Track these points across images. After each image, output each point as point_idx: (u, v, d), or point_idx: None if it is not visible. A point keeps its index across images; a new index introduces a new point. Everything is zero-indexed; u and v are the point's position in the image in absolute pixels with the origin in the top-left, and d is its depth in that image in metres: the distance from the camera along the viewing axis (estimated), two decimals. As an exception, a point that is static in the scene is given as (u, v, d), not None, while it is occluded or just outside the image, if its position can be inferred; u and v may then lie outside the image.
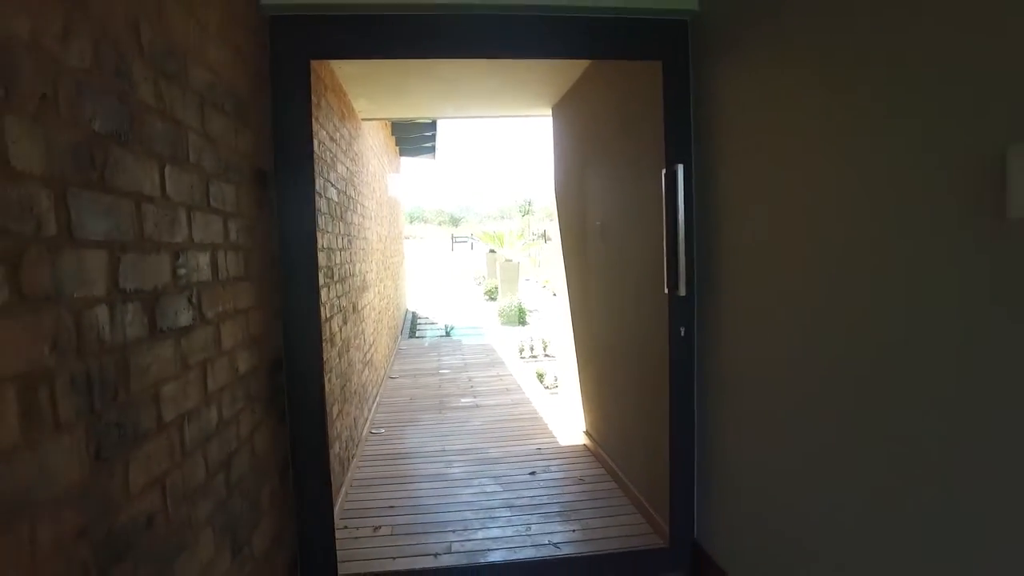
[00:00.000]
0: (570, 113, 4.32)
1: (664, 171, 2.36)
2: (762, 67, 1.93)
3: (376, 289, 5.80)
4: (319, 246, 2.27)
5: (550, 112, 4.74)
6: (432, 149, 8.45)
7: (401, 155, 8.85)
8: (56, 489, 0.90)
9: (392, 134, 7.34)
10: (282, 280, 2.09)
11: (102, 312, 1.03)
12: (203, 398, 1.43)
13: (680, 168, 2.31)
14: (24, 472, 0.83)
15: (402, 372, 6.62)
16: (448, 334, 9.74)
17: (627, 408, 3.31)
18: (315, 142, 2.36)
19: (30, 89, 0.87)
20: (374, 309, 5.57)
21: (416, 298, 13.20)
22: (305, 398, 2.15)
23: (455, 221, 50.14)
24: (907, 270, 1.35)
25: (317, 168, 2.41)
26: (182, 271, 1.34)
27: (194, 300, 1.40)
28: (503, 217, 46.06)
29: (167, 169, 1.28)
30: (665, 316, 2.44)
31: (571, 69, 3.67)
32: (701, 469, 2.42)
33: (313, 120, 2.19)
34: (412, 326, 10.26)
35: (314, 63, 2.25)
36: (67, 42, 0.96)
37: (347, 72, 3.64)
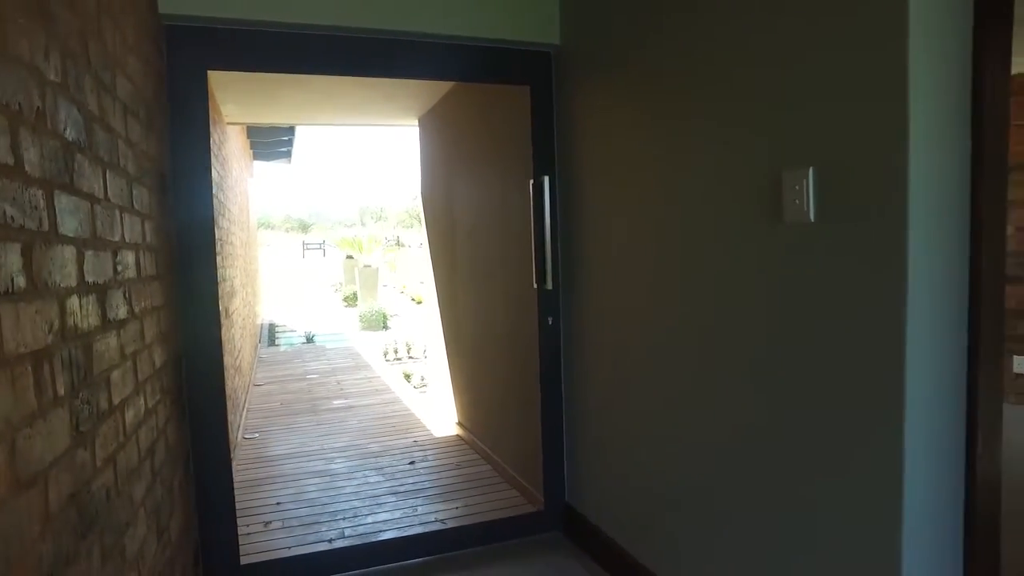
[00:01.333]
0: (438, 125, 4.61)
1: (532, 182, 2.72)
2: (611, 96, 2.34)
3: (241, 296, 5.69)
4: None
5: (416, 123, 4.99)
6: (288, 154, 8.31)
7: (255, 159, 8.61)
8: (57, 454, 1.03)
9: (248, 137, 7.17)
10: (182, 280, 2.17)
11: (75, 301, 1.15)
12: (135, 387, 1.53)
13: (546, 179, 2.69)
14: (39, 437, 0.96)
15: (268, 379, 6.50)
16: (310, 341, 9.58)
17: (499, 395, 3.65)
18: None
19: (30, 103, 1.00)
20: (240, 315, 5.47)
21: (271, 306, 12.73)
22: (206, 394, 2.23)
23: (305, 227, 48.22)
24: (719, 263, 1.79)
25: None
26: (120, 268, 1.45)
27: (127, 295, 1.51)
28: (355, 223, 45.09)
29: (108, 174, 1.40)
30: (534, 308, 2.80)
31: (440, 85, 3.96)
32: (570, 439, 2.80)
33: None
34: (271, 334, 9.96)
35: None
36: (48, 59, 1.08)
37: (219, 78, 3.64)
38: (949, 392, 1.35)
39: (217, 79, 3.69)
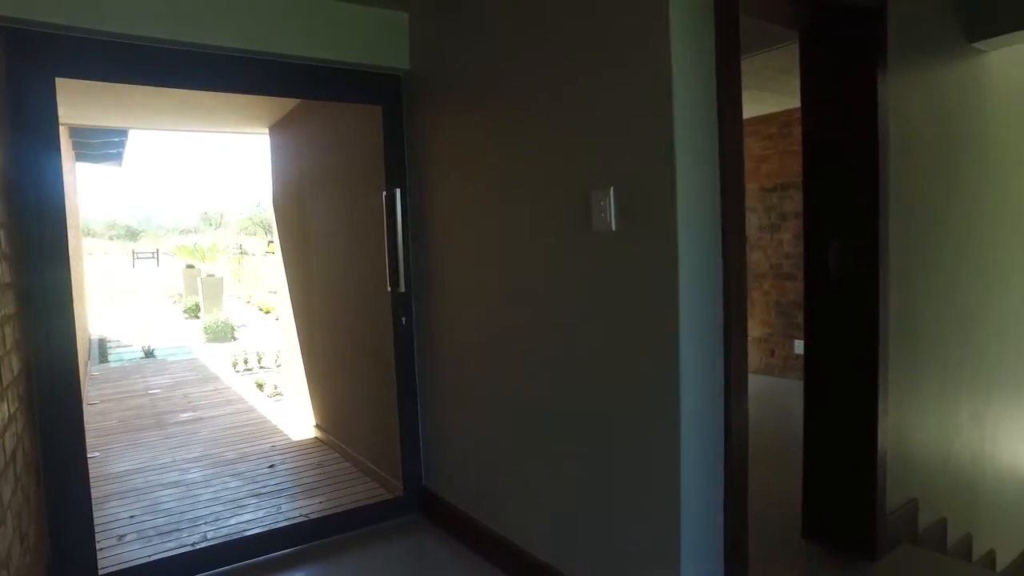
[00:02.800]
0: (290, 134, 4.68)
1: (385, 193, 2.96)
2: (455, 118, 2.65)
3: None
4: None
5: (267, 131, 5.01)
6: (119, 156, 7.76)
7: (78, 160, 7.94)
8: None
9: (71, 137, 6.63)
10: (34, 288, 2.16)
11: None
12: (2, 391, 1.59)
13: (398, 191, 2.95)
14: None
15: (102, 397, 6.08)
16: (150, 355, 8.97)
17: (357, 394, 3.83)
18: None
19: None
20: (70, 329, 5.11)
21: (100, 321, 11.66)
22: (61, 403, 2.23)
23: (133, 235, 43.89)
24: (543, 266, 2.16)
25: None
26: (-16, 277, 1.51)
27: (-10, 303, 1.56)
28: (193, 231, 41.88)
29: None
30: (388, 310, 3.04)
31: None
32: (424, 429, 3.07)
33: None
34: (101, 351, 9.17)
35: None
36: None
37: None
38: (710, 356, 1.80)
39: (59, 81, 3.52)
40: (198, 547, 2.78)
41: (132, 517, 3.17)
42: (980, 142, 2.98)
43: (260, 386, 6.59)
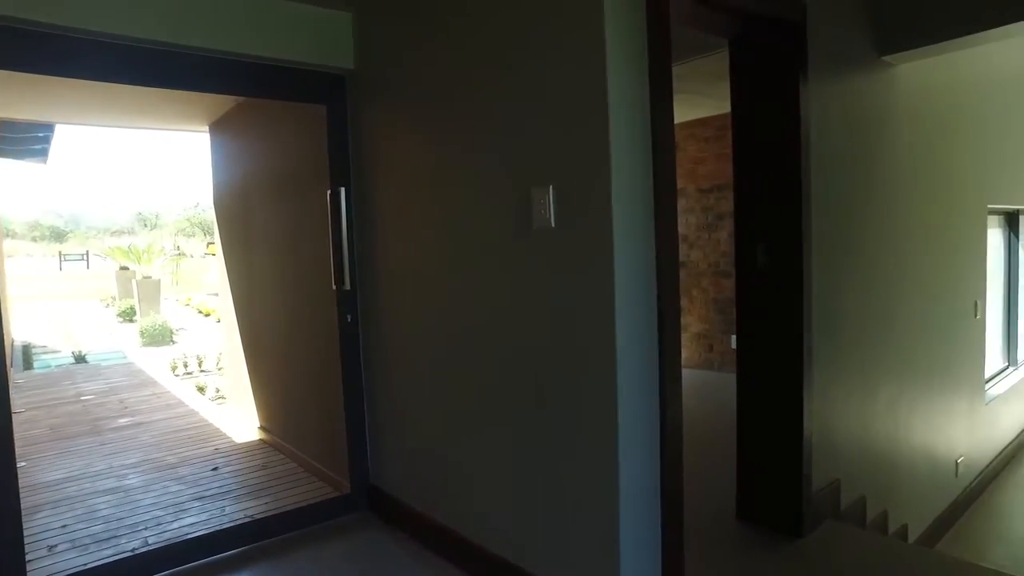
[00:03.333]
0: (232, 132, 4.59)
1: (329, 192, 2.97)
2: (399, 118, 2.69)
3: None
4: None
5: (207, 128, 4.90)
6: (44, 152, 7.41)
7: None
8: None
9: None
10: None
11: None
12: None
13: (343, 189, 2.96)
14: None
15: (28, 405, 5.81)
16: (81, 360, 8.60)
17: (303, 394, 3.81)
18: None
19: None
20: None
21: (24, 326, 11.09)
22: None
23: (59, 236, 41.77)
24: (486, 262, 2.22)
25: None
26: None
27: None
28: (127, 231, 40.14)
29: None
30: (334, 308, 3.05)
31: (233, 93, 3.99)
32: (372, 426, 3.09)
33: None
34: (26, 357, 8.74)
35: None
36: None
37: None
38: (646, 351, 1.90)
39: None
40: (138, 552, 2.72)
41: (64, 526, 3.07)
42: (891, 148, 3.21)
43: (201, 390, 6.44)
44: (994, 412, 4.82)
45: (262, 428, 4.44)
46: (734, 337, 5.21)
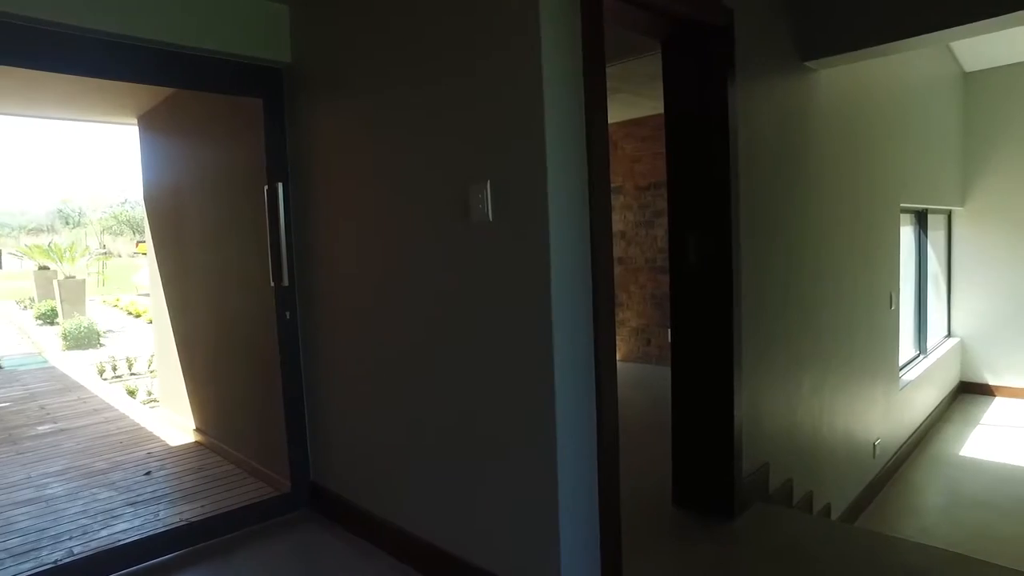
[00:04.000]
0: (164, 125, 4.44)
1: (267, 187, 2.92)
2: (337, 113, 2.67)
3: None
4: None
5: (136, 121, 4.71)
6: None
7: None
8: None
9: None
10: None
11: None
12: None
13: (280, 185, 2.92)
14: None
15: (-63, 414, 5.46)
16: (-4, 366, 8.11)
17: (240, 393, 3.73)
18: None
19: None
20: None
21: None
22: None
23: (-36, 234, 39.02)
24: (424, 256, 2.24)
25: None
26: None
27: None
28: (45, 229, 37.85)
29: None
30: (272, 305, 3.00)
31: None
32: (312, 423, 3.05)
33: None
34: (-68, 364, 8.17)
35: None
36: None
37: None
38: (582, 345, 1.96)
39: None
40: (61, 563, 2.60)
41: (-21, 539, 2.91)
42: (814, 149, 3.39)
43: (132, 393, 6.19)
44: (907, 397, 5.15)
45: (198, 430, 4.31)
46: (671, 331, 5.37)
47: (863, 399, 4.17)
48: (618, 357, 6.30)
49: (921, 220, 6.06)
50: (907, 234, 5.64)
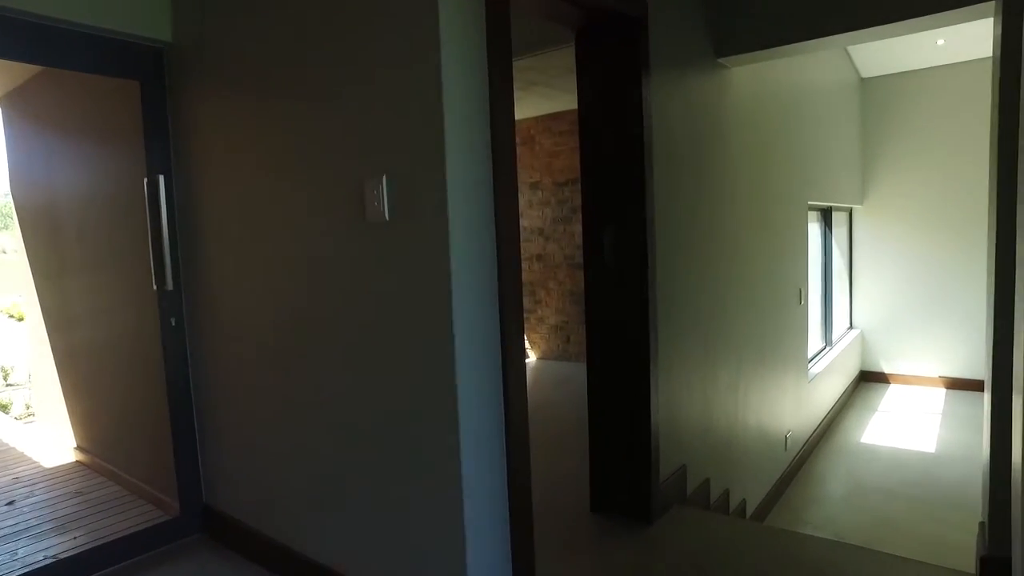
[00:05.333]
0: (32, 110, 3.97)
1: (146, 180, 2.62)
2: (225, 99, 2.41)
3: None
4: None
5: (-1, 103, 4.21)
6: None
7: None
8: None
9: None
10: None
11: None
12: None
13: (162, 178, 2.62)
14: None
15: None
16: None
17: (126, 407, 3.38)
18: None
19: None
20: None
21: None
22: None
23: None
24: (320, 258, 2.04)
25: None
26: None
27: None
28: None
29: None
30: (157, 311, 2.70)
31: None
32: (204, 440, 2.78)
33: None
34: None
35: None
36: None
37: None
38: (488, 347, 1.83)
39: None
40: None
41: None
42: (726, 145, 3.40)
43: (5, 408, 5.58)
44: (815, 388, 5.34)
45: (79, 448, 3.90)
46: (586, 331, 5.34)
47: (775, 393, 4.26)
48: (537, 355, 6.26)
49: (826, 217, 6.31)
50: (814, 231, 5.86)
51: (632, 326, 2.60)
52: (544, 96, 5.14)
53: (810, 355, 5.37)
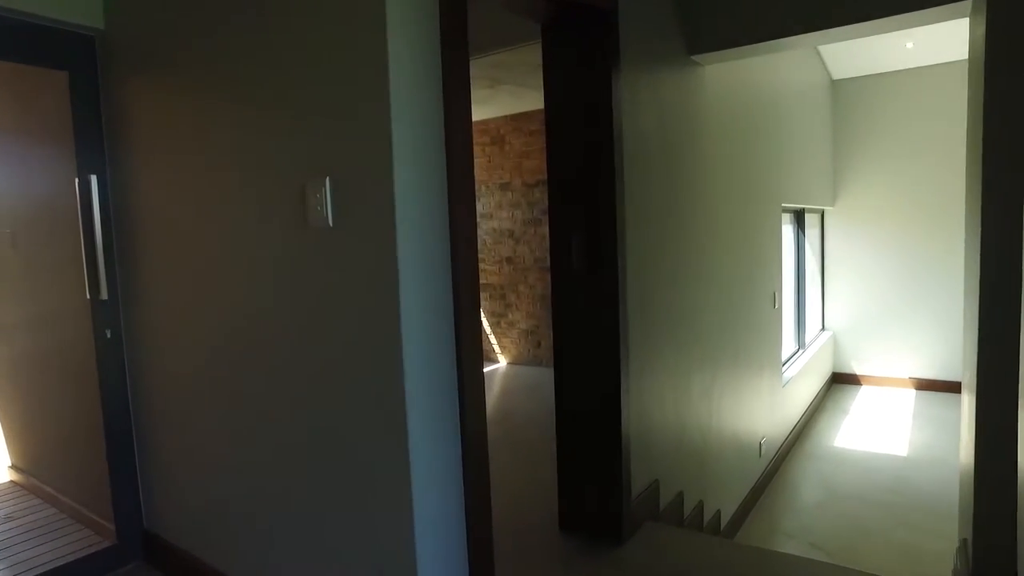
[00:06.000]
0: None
1: (77, 180, 2.41)
2: (163, 94, 2.22)
3: None
4: None
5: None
6: None
7: None
8: None
9: None
10: None
11: None
12: None
13: (94, 178, 2.41)
14: None
15: None
16: None
17: (61, 424, 3.14)
18: None
19: None
20: None
21: None
22: None
23: None
24: (260, 267, 1.87)
25: None
26: None
27: None
28: None
29: None
30: (90, 322, 2.49)
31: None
32: (144, 462, 2.58)
33: None
34: None
35: None
36: None
37: None
38: (441, 358, 1.67)
39: None
40: None
41: None
42: (699, 146, 3.29)
43: (-58, 420, 5.24)
44: (789, 392, 5.28)
45: (14, 467, 3.64)
46: (554, 341, 5.21)
47: (750, 399, 4.17)
48: (508, 360, 6.11)
49: (799, 219, 6.27)
50: (787, 233, 5.81)
51: (601, 334, 2.47)
52: (514, 95, 4.99)
53: (783, 358, 5.31)
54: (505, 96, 4.98)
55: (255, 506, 2.05)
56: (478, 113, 5.49)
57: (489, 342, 6.16)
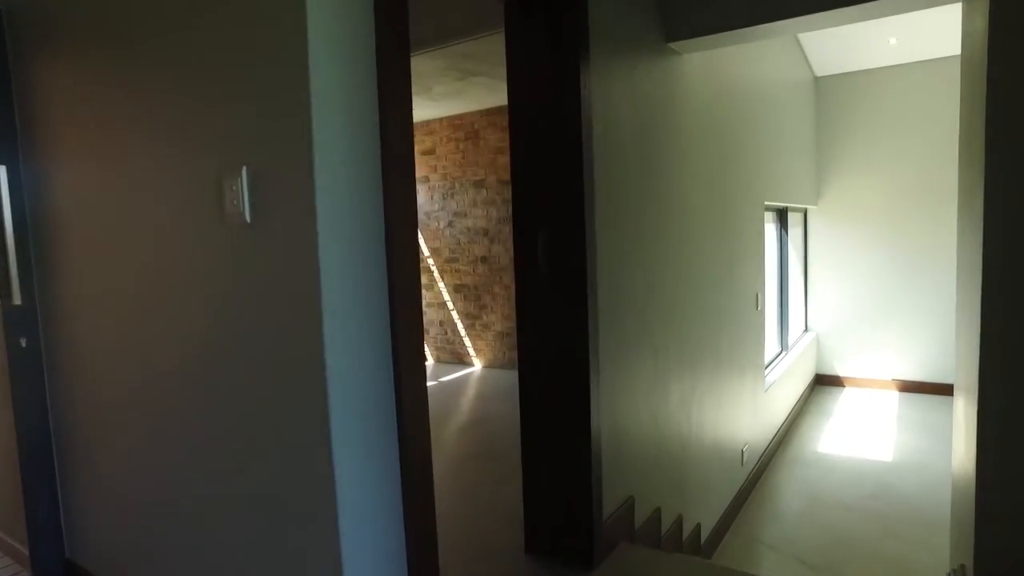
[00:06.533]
0: None
1: (-14, 171, 2.16)
2: (76, 74, 1.98)
3: None
4: None
5: None
6: None
7: None
8: None
9: None
10: None
11: None
12: None
13: (3, 169, 2.17)
14: None
15: None
16: None
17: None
18: None
19: None
20: None
21: None
22: None
23: None
24: (177, 266, 1.64)
25: None
26: None
27: None
28: None
29: None
30: (0, 330, 2.25)
31: None
32: (66, 485, 2.33)
33: None
34: None
35: None
36: None
37: None
38: (375, 368, 1.45)
39: None
40: None
41: None
42: (677, 139, 3.09)
43: None
44: (772, 397, 5.12)
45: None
46: (518, 349, 5.00)
47: (732, 405, 3.99)
48: (483, 364, 5.89)
49: (782, 218, 6.12)
50: (770, 232, 5.64)
51: (567, 338, 2.26)
52: (487, 87, 4.78)
53: (766, 361, 5.14)
54: (478, 89, 4.76)
55: (181, 535, 1.82)
56: (451, 107, 5.27)
57: (463, 345, 5.94)
